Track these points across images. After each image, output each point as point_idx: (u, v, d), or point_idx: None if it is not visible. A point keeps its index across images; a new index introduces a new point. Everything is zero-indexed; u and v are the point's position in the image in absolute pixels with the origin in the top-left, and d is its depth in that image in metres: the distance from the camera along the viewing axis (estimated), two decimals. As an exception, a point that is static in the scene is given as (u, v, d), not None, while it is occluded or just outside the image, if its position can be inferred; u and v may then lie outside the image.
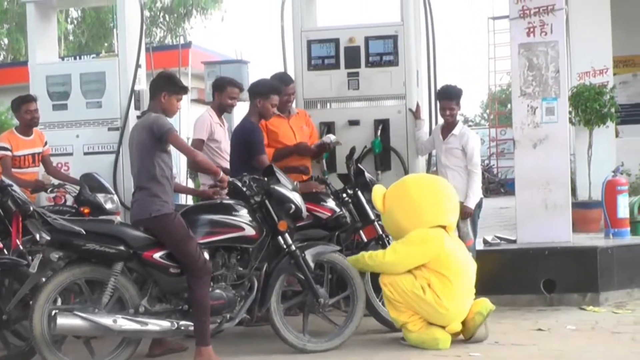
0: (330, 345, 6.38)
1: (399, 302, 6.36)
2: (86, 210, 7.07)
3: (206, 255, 5.97)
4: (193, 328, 5.90)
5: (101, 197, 7.14)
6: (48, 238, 5.72)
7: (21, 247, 6.31)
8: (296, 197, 6.35)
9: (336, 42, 8.27)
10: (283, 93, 7.34)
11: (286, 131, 7.54)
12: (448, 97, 7.66)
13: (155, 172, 5.90)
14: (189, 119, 13.02)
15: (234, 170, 6.81)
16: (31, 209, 6.19)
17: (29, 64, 8.79)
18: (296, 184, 6.63)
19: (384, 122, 8.12)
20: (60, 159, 8.40)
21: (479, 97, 41.67)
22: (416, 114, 8.13)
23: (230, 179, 6.26)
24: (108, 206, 7.12)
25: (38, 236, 5.78)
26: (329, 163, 7.99)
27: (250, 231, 6.17)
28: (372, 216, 7.02)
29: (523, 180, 8.25)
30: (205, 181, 7.48)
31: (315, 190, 7.06)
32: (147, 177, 5.92)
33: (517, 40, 8.22)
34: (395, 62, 8.15)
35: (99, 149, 8.43)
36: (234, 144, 7.12)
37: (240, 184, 6.30)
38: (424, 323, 6.39)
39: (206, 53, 19.33)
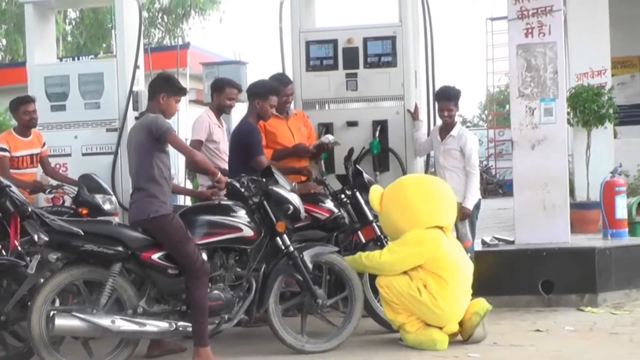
0: (328, 346, 6.38)
1: (396, 304, 6.37)
2: (84, 211, 7.08)
3: (204, 256, 5.97)
4: (191, 329, 5.89)
5: (99, 198, 7.16)
6: (46, 239, 5.71)
7: (19, 248, 6.30)
8: (294, 198, 6.35)
9: (334, 43, 8.26)
10: (281, 94, 7.34)
11: (284, 132, 7.53)
12: (446, 98, 7.67)
13: (153, 173, 5.90)
14: (187, 120, 13.00)
15: (233, 171, 6.80)
16: (29, 210, 6.18)
17: (27, 65, 8.79)
18: (294, 185, 6.63)
19: (383, 123, 8.12)
20: (58, 160, 8.38)
21: (478, 98, 41.73)
22: (414, 115, 8.13)
23: (228, 180, 6.26)
24: (106, 207, 7.14)
25: (36, 237, 5.76)
26: (328, 164, 7.98)
27: (248, 232, 6.16)
28: (371, 217, 7.02)
29: (521, 181, 8.25)
30: (204, 182, 7.47)
31: (313, 191, 7.05)
32: (146, 178, 5.91)
33: (516, 41, 8.21)
34: (393, 63, 8.15)
35: (97, 150, 8.42)
36: (232, 145, 7.11)
37: (238, 185, 6.29)
38: (422, 324, 6.39)
39: (204, 54, 19.32)
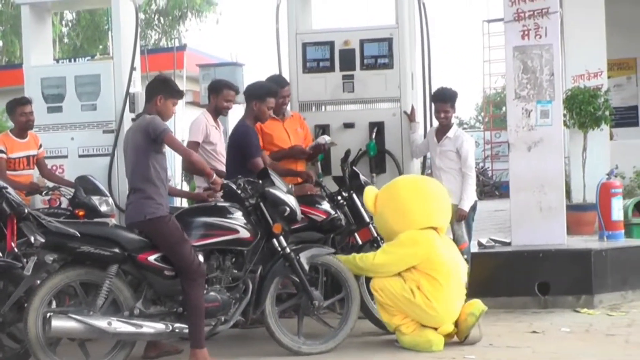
0: (324, 347, 6.38)
1: (390, 306, 6.37)
2: (81, 212, 7.07)
3: (201, 257, 5.97)
4: (188, 330, 5.89)
5: (96, 200, 7.14)
6: (43, 240, 5.70)
7: (16, 250, 6.28)
8: (291, 200, 6.35)
9: (331, 45, 8.27)
10: (278, 95, 7.34)
11: (281, 134, 7.54)
12: (443, 100, 7.67)
13: (149, 174, 5.90)
14: (184, 122, 13.01)
15: (230, 173, 6.80)
16: (26, 212, 6.16)
17: (24, 67, 8.77)
18: (291, 187, 6.63)
19: (379, 125, 8.14)
20: (55, 162, 8.37)
21: (474, 100, 41.84)
22: (411, 117, 8.13)
23: (224, 182, 6.26)
24: (103, 209, 7.13)
25: (33, 239, 5.75)
26: (324, 166, 7.98)
27: (244, 234, 6.16)
28: (367, 219, 7.01)
29: (518, 182, 8.26)
30: (200, 184, 7.47)
31: (310, 192, 7.06)
32: (142, 179, 5.91)
33: (512, 43, 8.23)
34: (390, 65, 8.16)
35: (94, 152, 8.41)
36: (230, 147, 7.12)
37: (234, 187, 6.29)
38: (417, 325, 6.39)
39: (201, 56, 19.34)
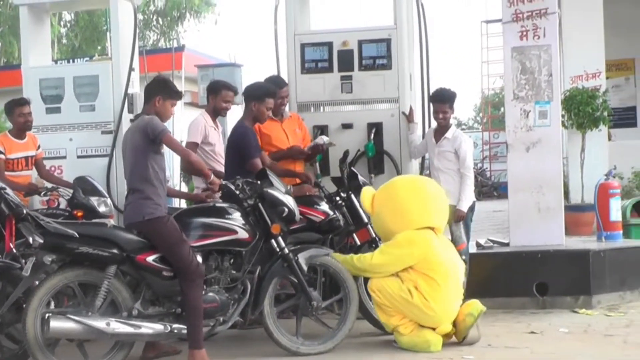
0: (323, 348, 6.38)
1: (388, 307, 6.37)
2: (79, 213, 7.07)
3: (199, 258, 5.97)
4: (186, 331, 5.89)
5: (94, 200, 7.15)
6: (41, 241, 5.70)
7: (14, 250, 6.29)
8: (289, 200, 6.35)
9: (329, 46, 8.27)
10: (277, 96, 7.34)
11: (279, 134, 7.54)
12: (441, 101, 7.67)
13: (148, 175, 5.90)
14: (183, 123, 13.01)
15: (229, 174, 6.79)
16: (24, 212, 6.16)
17: (22, 67, 8.77)
18: (289, 188, 6.63)
19: (377, 126, 8.14)
20: (53, 162, 8.37)
21: (472, 101, 41.80)
22: (409, 118, 8.14)
23: (223, 182, 6.26)
24: (101, 209, 7.13)
25: (31, 239, 5.75)
26: (323, 166, 7.98)
27: (243, 234, 6.16)
28: (365, 219, 7.01)
29: (516, 183, 8.26)
30: (199, 184, 7.47)
31: (308, 193, 7.06)
32: (140, 180, 5.91)
33: (510, 43, 8.23)
34: (388, 66, 8.16)
35: (92, 152, 8.41)
36: (228, 148, 7.12)
37: (233, 187, 6.29)
38: (415, 326, 6.39)
39: (199, 56, 19.35)
